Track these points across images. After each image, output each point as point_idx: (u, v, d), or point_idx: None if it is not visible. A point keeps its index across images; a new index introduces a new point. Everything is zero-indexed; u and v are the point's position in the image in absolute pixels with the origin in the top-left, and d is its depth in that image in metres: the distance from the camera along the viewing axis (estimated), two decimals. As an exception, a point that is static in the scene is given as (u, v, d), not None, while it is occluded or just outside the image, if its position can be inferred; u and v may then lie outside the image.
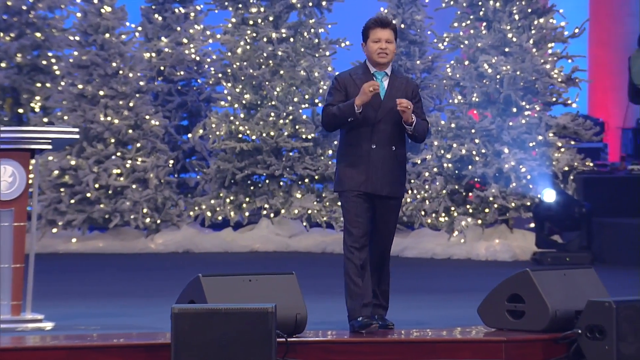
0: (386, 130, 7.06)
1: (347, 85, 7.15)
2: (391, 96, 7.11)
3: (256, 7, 14.37)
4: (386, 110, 7.08)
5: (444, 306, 8.70)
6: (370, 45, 7.20)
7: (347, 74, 7.24)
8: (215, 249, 13.90)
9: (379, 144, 7.05)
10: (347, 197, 7.07)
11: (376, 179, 7.03)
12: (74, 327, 7.33)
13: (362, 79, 7.15)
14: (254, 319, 6.19)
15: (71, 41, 14.33)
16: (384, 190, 7.04)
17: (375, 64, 7.22)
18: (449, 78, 13.57)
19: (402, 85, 7.21)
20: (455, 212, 13.24)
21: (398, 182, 7.12)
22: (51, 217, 13.94)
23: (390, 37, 7.19)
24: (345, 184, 7.07)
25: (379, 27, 7.19)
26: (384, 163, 7.05)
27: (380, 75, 7.20)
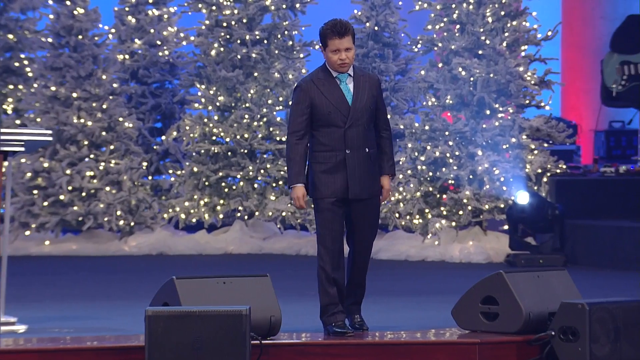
0: (358, 134, 7.05)
1: (312, 96, 7.06)
2: (358, 97, 7.10)
3: (230, 9, 14.36)
4: (356, 113, 7.06)
5: (418, 308, 8.72)
6: (329, 55, 7.10)
7: (309, 81, 7.11)
8: (189, 251, 13.87)
9: (353, 148, 7.03)
10: (323, 204, 7.05)
11: (355, 185, 7.03)
12: (47, 330, 7.29)
13: (325, 86, 7.08)
14: (228, 321, 6.18)
15: (44, 43, 14.27)
16: (364, 193, 7.05)
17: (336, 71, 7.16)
18: (422, 80, 13.61)
19: (367, 83, 7.18)
20: (429, 214, 13.27)
21: (375, 182, 7.13)
22: (24, 219, 13.88)
23: (349, 44, 7.13)
24: (322, 191, 7.04)
25: (337, 37, 7.09)
26: (360, 167, 7.04)
27: (344, 78, 7.16)
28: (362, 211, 7.10)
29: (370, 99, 7.08)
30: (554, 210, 12.50)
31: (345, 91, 7.09)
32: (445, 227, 13.12)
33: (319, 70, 7.15)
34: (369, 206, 7.11)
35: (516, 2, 13.60)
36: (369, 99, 7.08)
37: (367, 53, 14.19)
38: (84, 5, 14.18)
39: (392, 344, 6.79)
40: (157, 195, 14.38)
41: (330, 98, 7.01)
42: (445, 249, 13.03)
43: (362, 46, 14.24)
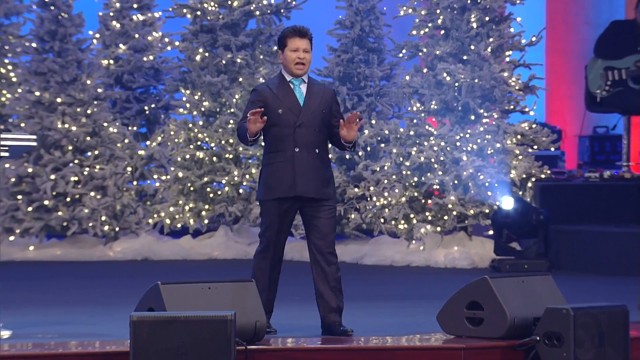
0: (308, 134, 7.17)
1: (266, 97, 7.24)
2: (310, 101, 7.23)
3: (214, 15, 14.36)
4: (307, 115, 7.19)
5: (403, 313, 8.72)
6: (288, 54, 7.28)
7: (264, 86, 7.33)
8: (174, 257, 13.85)
9: (302, 147, 7.17)
10: (267, 205, 7.22)
11: (302, 182, 7.14)
12: (31, 335, 7.27)
13: (279, 89, 7.25)
14: (213, 327, 6.18)
15: (28, 48, 14.24)
16: (311, 192, 7.15)
17: (292, 73, 7.31)
18: (407, 86, 13.62)
19: (320, 90, 7.34)
20: (414, 219, 13.29)
21: (325, 184, 7.22)
22: (8, 224, 13.83)
23: (308, 47, 7.31)
24: (272, 192, 7.19)
25: (298, 37, 7.28)
26: (308, 166, 7.15)
27: (297, 82, 7.31)
28: (314, 215, 7.22)
29: (322, 104, 7.22)
30: (539, 216, 12.53)
31: (298, 94, 7.27)
32: (430, 233, 13.13)
33: (274, 77, 7.40)
34: (321, 210, 7.20)
35: (500, 8, 13.64)
36: (321, 104, 7.23)
37: (351, 58, 14.21)
38: (68, 10, 14.15)
39: (377, 349, 6.80)
40: (141, 201, 14.36)
41: (283, 98, 7.21)
42: (430, 254, 13.04)
43: (347, 51, 14.25)
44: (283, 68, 7.35)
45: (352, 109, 14.09)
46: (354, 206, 13.84)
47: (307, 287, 11.04)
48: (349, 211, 13.86)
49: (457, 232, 13.28)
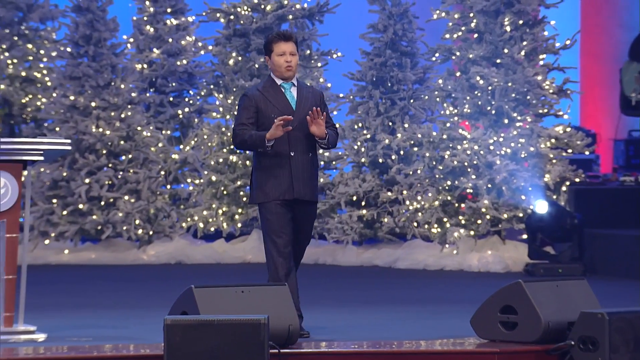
0: (302, 138, 7.28)
1: (257, 101, 7.31)
2: (302, 105, 7.35)
3: (248, 19, 14.39)
4: (300, 118, 7.29)
5: (436, 317, 8.70)
6: (275, 58, 7.37)
7: (255, 90, 7.39)
8: (208, 260, 13.89)
9: (297, 151, 7.27)
10: (270, 207, 7.26)
11: (298, 185, 7.25)
12: (66, 339, 7.31)
13: (271, 93, 7.34)
14: (246, 330, 6.18)
15: (63, 52, 14.33)
16: (307, 195, 7.28)
17: (281, 77, 7.40)
18: (440, 89, 13.60)
19: (310, 93, 7.46)
20: (447, 223, 13.26)
21: (316, 187, 7.38)
22: (43, 228, 13.92)
23: (294, 49, 7.38)
24: (268, 194, 7.25)
25: (282, 41, 7.36)
26: (304, 169, 7.27)
27: (287, 86, 7.42)
28: (301, 218, 7.34)
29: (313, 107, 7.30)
30: (573, 220, 12.46)
31: (290, 98, 7.37)
32: (464, 236, 13.10)
33: (264, 81, 7.45)
34: (309, 212, 7.36)
35: (534, 11, 13.59)
36: (312, 107, 7.32)
37: (384, 62, 14.19)
38: (103, 15, 14.23)
39: (410, 352, 6.78)
40: (175, 204, 14.41)
41: (275, 103, 7.29)
42: (463, 258, 13.00)
43: (380, 55, 14.24)
44: (272, 73, 7.44)
45: (385, 112, 14.09)
46: (387, 210, 13.83)
47: (340, 290, 11.05)
48: (382, 215, 13.85)
49: (490, 236, 13.24)
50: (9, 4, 14.86)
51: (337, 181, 14.15)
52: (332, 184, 14.20)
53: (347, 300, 10.10)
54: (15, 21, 14.88)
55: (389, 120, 14.10)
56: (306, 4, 14.51)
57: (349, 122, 14.28)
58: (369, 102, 14.15)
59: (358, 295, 10.62)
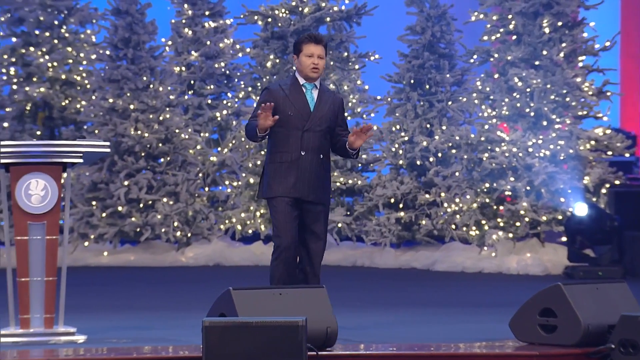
0: (315, 139, 7.34)
1: (277, 97, 7.36)
2: (320, 107, 7.40)
3: (285, 21, 14.41)
4: (315, 120, 7.36)
5: (475, 320, 8.67)
6: (303, 59, 7.42)
7: (277, 86, 7.46)
8: (246, 262, 13.91)
9: (308, 151, 7.33)
10: (277, 203, 7.33)
11: (303, 185, 7.31)
12: (105, 340, 7.35)
13: (292, 91, 7.40)
14: (284, 332, 6.19)
15: (102, 55, 14.42)
16: (310, 195, 7.32)
17: (306, 78, 7.45)
18: (478, 91, 13.55)
19: (330, 98, 7.50)
20: (486, 225, 13.21)
21: (323, 189, 7.40)
22: (83, 230, 14.00)
23: (322, 53, 7.44)
24: (275, 190, 7.33)
25: (313, 43, 7.41)
26: (312, 170, 7.33)
27: (310, 87, 7.47)
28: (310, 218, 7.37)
29: (330, 112, 7.40)
30: (613, 222, 12.38)
31: (309, 99, 7.43)
32: (502, 239, 13.04)
33: (288, 78, 7.54)
34: (315, 212, 7.36)
35: (573, 13, 13.51)
36: (329, 111, 7.40)
37: (422, 64, 14.16)
38: (142, 17, 14.30)
39: (449, 356, 6.76)
40: (213, 207, 14.45)
41: (294, 101, 7.35)
42: (502, 261, 12.94)
43: (418, 57, 14.21)
44: (297, 72, 7.49)
45: (423, 114, 14.05)
46: (425, 212, 13.79)
47: (377, 292, 11.03)
48: (420, 217, 13.82)
49: (529, 239, 13.17)
50: (49, 7, 14.97)
51: (375, 183, 14.13)
52: (370, 186, 14.19)
53: (385, 302, 10.08)
54: (56, 24, 14.98)
55: (427, 122, 14.07)
56: (344, 6, 14.51)
57: (386, 124, 14.26)
58: (406, 104, 14.12)
59: (396, 297, 10.60)
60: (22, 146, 7.26)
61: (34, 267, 7.21)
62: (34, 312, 7.20)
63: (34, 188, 7.23)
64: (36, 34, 14.94)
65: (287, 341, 6.18)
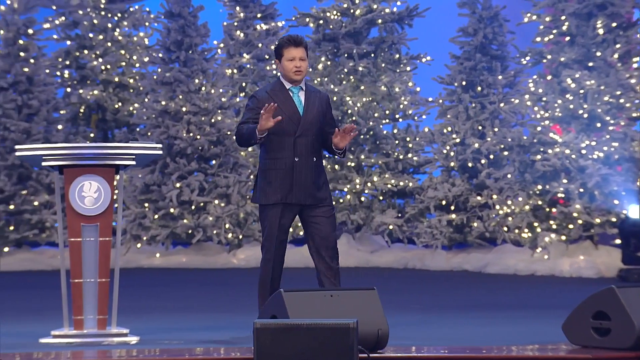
0: (307, 143, 7.39)
1: (264, 102, 7.39)
2: (309, 110, 7.44)
3: (337, 23, 14.41)
4: (306, 123, 7.40)
5: (528, 322, 8.62)
6: (285, 63, 7.46)
7: (263, 92, 7.50)
8: (297, 264, 13.93)
9: (301, 156, 7.37)
10: (267, 212, 7.42)
11: (300, 191, 7.36)
12: (157, 342, 7.39)
13: (278, 95, 7.43)
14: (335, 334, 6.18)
15: (155, 58, 14.51)
16: (308, 200, 7.39)
17: (290, 81, 7.49)
18: (531, 93, 13.47)
19: (317, 98, 7.52)
20: (538, 227, 13.12)
21: (320, 190, 7.45)
22: (135, 232, 14.09)
23: (303, 54, 7.46)
24: (270, 197, 7.38)
25: (292, 46, 7.45)
26: (307, 174, 7.38)
27: (296, 90, 7.50)
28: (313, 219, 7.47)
29: (319, 113, 7.45)
30: (667, 225, 12.24)
31: (297, 103, 7.46)
32: (555, 241, 12.95)
33: (274, 83, 7.55)
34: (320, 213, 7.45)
35: (628, 14, 13.38)
36: (318, 113, 7.45)
37: (474, 66, 14.10)
38: (194, 20, 14.38)
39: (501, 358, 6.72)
40: (265, 209, 14.47)
41: (283, 108, 7.37)
42: (554, 263, 12.85)
43: (470, 59, 14.15)
44: (281, 76, 7.54)
45: (475, 116, 13.99)
46: (476, 214, 13.73)
47: (429, 295, 11.00)
48: (471, 219, 13.75)
49: (582, 241, 13.07)
50: (103, 10, 15.09)
51: (426, 185, 14.09)
52: (421, 188, 14.15)
53: (436, 304, 10.05)
54: (109, 27, 15.10)
55: (479, 124, 14.01)
56: (395, 8, 14.49)
57: (437, 126, 14.22)
58: (458, 106, 14.07)
59: (447, 300, 10.57)
60: (75, 148, 7.32)
61: (87, 268, 7.26)
62: (87, 313, 7.26)
63: (88, 190, 7.28)
64: (90, 37, 15.07)
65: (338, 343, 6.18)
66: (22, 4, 14.65)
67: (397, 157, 14.34)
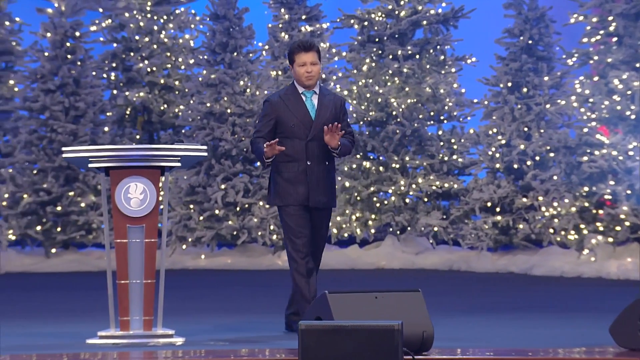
0: (319, 147, 7.53)
1: (278, 108, 7.55)
2: (321, 114, 7.55)
3: (382, 25, 14.40)
4: (318, 128, 7.52)
5: (574, 325, 8.56)
6: (296, 69, 7.59)
7: (277, 97, 7.63)
8: (341, 266, 13.93)
9: (314, 160, 7.53)
10: (288, 211, 7.55)
11: (315, 194, 7.52)
12: (203, 343, 7.41)
13: (292, 100, 7.56)
14: (380, 336, 6.17)
15: (200, 60, 14.57)
16: (321, 202, 7.57)
17: (303, 85, 7.60)
18: (577, 94, 13.38)
19: (330, 101, 7.62)
20: (585, 229, 13.03)
21: (331, 194, 7.63)
22: (181, 233, 14.16)
23: (314, 59, 7.57)
24: (286, 198, 7.55)
25: (303, 51, 7.56)
26: (319, 178, 7.53)
27: (309, 94, 7.61)
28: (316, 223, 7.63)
29: (332, 116, 7.56)
30: None
31: (310, 107, 7.58)
32: (602, 243, 12.85)
33: (287, 87, 7.69)
34: (324, 216, 7.63)
35: (676, 13, 13.25)
36: (331, 116, 7.57)
37: (520, 67, 14.03)
38: (239, 22, 14.43)
39: (547, 361, 6.68)
40: (309, 210, 14.49)
41: (295, 112, 7.52)
42: (601, 265, 12.76)
43: (516, 60, 14.08)
44: (295, 81, 7.64)
45: (520, 118, 13.92)
46: (522, 216, 13.66)
47: (474, 297, 10.95)
48: (517, 221, 13.68)
49: (630, 243, 12.96)
50: (149, 13, 15.18)
51: (471, 187, 14.04)
52: (466, 189, 14.10)
53: (481, 307, 10.01)
54: (155, 30, 15.19)
55: (525, 125, 13.93)
56: (440, 9, 14.45)
57: (483, 127, 14.16)
58: (504, 107, 14.00)
59: (493, 302, 10.52)
60: (121, 150, 7.36)
61: (133, 269, 7.30)
62: (133, 314, 7.29)
63: (133, 191, 7.32)
64: (136, 40, 15.16)
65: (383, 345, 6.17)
66: (69, 7, 14.77)
67: (442, 158, 14.30)
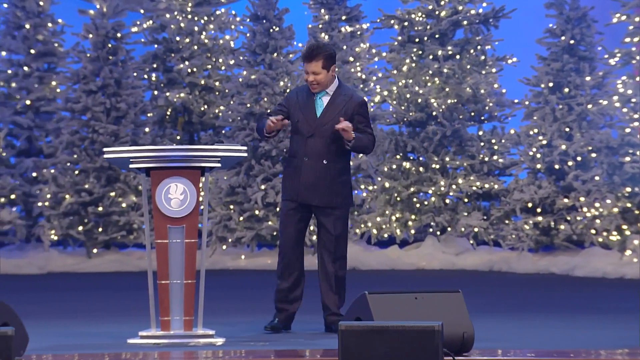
0: (318, 145, 7.61)
1: (291, 103, 7.77)
2: (327, 113, 7.64)
3: (422, 25, 14.36)
4: (320, 126, 7.63)
5: (617, 327, 8.50)
6: (304, 75, 7.80)
7: (294, 93, 7.87)
8: (381, 267, 13.91)
9: (311, 157, 7.62)
10: (282, 206, 7.76)
11: (305, 190, 7.60)
12: (243, 343, 7.43)
13: (303, 97, 7.75)
14: (420, 337, 6.16)
15: (240, 61, 14.60)
16: (313, 200, 7.62)
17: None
18: (620, 94, 13.28)
19: (343, 101, 7.68)
20: (627, 230, 12.93)
21: (329, 193, 7.63)
22: (221, 234, 14.20)
23: (316, 68, 7.68)
24: (284, 193, 7.74)
25: (305, 61, 7.74)
26: (313, 175, 7.59)
27: (320, 94, 7.75)
28: (321, 221, 7.71)
29: (341, 116, 7.60)
30: None
31: (318, 105, 7.72)
32: (644, 244, 12.76)
33: (305, 85, 7.86)
34: (327, 217, 7.68)
35: None
36: (339, 115, 7.61)
37: (562, 67, 13.95)
38: (279, 23, 14.45)
39: (589, 363, 6.63)
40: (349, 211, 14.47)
41: (302, 109, 7.69)
42: (644, 267, 12.66)
43: (557, 60, 14.00)
44: None
45: (562, 118, 13.84)
46: (563, 217, 13.58)
47: (515, 298, 10.91)
48: (558, 222, 13.60)
49: (673, 244, 12.86)
50: (190, 14, 15.24)
51: (512, 187, 13.97)
52: (507, 190, 14.04)
53: (523, 307, 9.96)
54: (196, 31, 15.24)
55: (566, 125, 13.85)
56: (481, 9, 14.40)
57: (524, 128, 14.10)
58: (545, 107, 13.93)
59: (534, 303, 10.47)
60: (162, 151, 7.40)
61: (173, 270, 7.33)
62: (174, 314, 7.32)
63: (174, 192, 7.35)
64: (177, 41, 15.22)
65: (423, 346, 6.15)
66: (111, 8, 14.86)
67: (483, 159, 14.24)
